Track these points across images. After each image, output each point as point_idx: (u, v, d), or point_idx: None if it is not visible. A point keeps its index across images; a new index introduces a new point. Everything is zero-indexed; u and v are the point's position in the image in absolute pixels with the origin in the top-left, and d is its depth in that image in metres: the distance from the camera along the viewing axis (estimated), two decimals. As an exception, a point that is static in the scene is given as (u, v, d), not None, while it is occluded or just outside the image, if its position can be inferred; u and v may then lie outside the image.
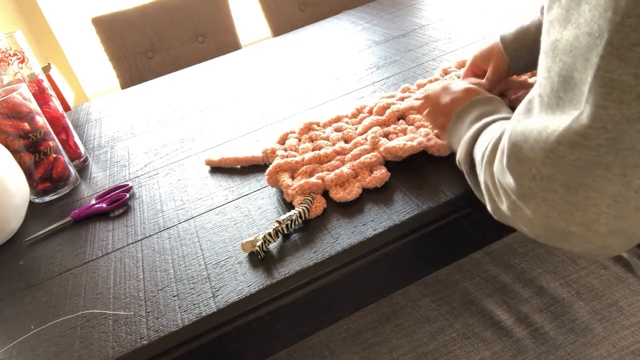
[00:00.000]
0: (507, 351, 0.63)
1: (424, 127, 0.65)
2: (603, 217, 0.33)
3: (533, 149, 0.36)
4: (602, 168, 0.32)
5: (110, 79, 1.96)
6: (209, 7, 1.64)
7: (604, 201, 0.33)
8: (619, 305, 0.65)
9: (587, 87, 0.31)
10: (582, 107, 0.32)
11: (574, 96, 0.32)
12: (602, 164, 0.32)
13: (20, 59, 0.81)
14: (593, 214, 0.34)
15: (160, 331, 0.48)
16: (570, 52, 0.32)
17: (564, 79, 0.33)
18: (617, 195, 0.32)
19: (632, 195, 0.32)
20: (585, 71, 0.31)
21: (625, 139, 0.30)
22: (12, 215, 0.68)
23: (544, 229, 0.38)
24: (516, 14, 0.98)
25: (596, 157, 0.32)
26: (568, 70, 0.33)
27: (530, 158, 0.36)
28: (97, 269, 0.59)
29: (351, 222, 0.54)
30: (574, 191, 0.34)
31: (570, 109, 0.33)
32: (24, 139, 0.74)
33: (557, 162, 0.34)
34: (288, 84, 0.99)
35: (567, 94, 0.33)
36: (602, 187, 0.32)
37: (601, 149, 0.31)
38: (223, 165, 0.73)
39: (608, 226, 0.34)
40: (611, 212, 0.33)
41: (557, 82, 0.34)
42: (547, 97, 0.35)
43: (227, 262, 0.54)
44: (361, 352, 0.67)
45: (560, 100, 0.34)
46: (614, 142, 0.31)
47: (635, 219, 0.33)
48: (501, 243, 0.79)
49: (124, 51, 1.62)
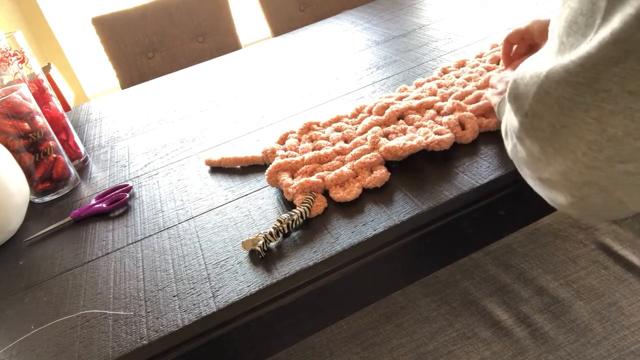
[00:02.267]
0: (507, 351, 0.63)
1: (423, 126, 0.65)
2: (578, 165, 0.34)
3: (527, 85, 0.37)
4: (582, 110, 0.32)
5: (110, 79, 1.96)
6: (209, 7, 1.64)
7: (580, 148, 0.33)
8: (619, 305, 0.65)
9: (593, 31, 0.31)
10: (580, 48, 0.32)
11: (575, 40, 0.33)
12: (582, 105, 0.32)
13: (20, 59, 0.81)
14: (571, 161, 0.34)
15: (160, 331, 0.48)
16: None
17: (568, 24, 0.34)
18: (592, 142, 0.32)
19: (605, 144, 0.32)
20: (592, 15, 0.31)
21: (602, 81, 0.31)
22: (12, 215, 0.68)
23: (536, 174, 0.38)
24: (516, 14, 0.98)
25: (576, 95, 0.32)
26: (574, 15, 0.33)
27: (524, 94, 0.37)
28: (97, 269, 0.59)
29: (351, 222, 0.54)
30: (558, 133, 0.34)
31: (569, 53, 0.33)
32: (24, 139, 0.74)
33: (545, 98, 0.35)
34: (288, 84, 0.99)
35: (568, 39, 0.34)
36: (580, 132, 0.33)
37: (581, 87, 0.32)
38: (223, 165, 0.73)
39: (582, 175, 0.34)
40: (585, 160, 0.33)
41: (562, 28, 0.34)
42: (552, 42, 0.36)
43: (227, 262, 0.54)
44: (361, 352, 0.67)
45: (562, 45, 0.34)
46: (592, 81, 0.31)
47: (607, 171, 0.33)
48: (501, 243, 0.79)
49: (124, 51, 1.62)
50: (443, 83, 0.75)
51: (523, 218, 0.59)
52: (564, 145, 0.34)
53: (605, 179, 0.34)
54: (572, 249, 0.74)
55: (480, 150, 0.60)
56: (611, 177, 0.33)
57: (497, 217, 0.56)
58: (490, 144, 0.61)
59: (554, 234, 0.77)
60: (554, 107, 0.34)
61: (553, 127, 0.34)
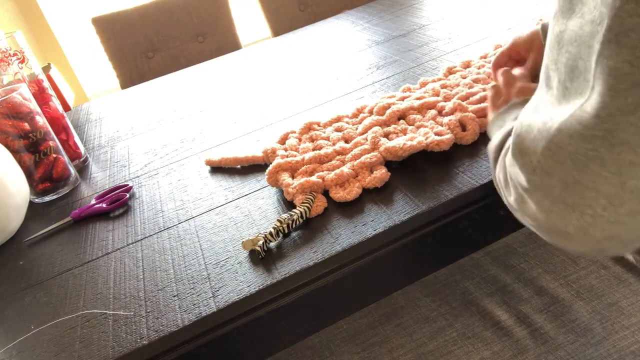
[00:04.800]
0: (507, 351, 0.63)
1: (423, 127, 0.65)
2: (598, 221, 0.32)
3: (535, 140, 0.35)
4: (598, 164, 0.31)
5: (110, 79, 1.96)
6: (209, 7, 1.64)
7: (600, 202, 0.31)
8: (619, 305, 0.65)
9: (591, 75, 0.30)
10: (587, 95, 0.31)
11: (579, 85, 0.32)
12: (598, 159, 0.31)
13: (20, 59, 0.81)
14: (589, 216, 0.32)
15: (160, 331, 0.48)
16: (575, 41, 0.32)
17: (570, 69, 0.33)
18: (612, 196, 0.31)
19: (627, 197, 0.31)
20: (589, 59, 0.30)
21: (619, 132, 0.29)
22: (12, 215, 0.68)
23: (546, 225, 0.36)
24: (516, 14, 0.98)
25: (591, 150, 0.31)
26: (574, 60, 0.32)
27: (532, 149, 0.35)
28: (97, 269, 0.59)
29: (351, 222, 0.54)
30: (571, 189, 0.33)
31: (576, 98, 0.32)
32: (24, 139, 0.74)
33: (556, 153, 0.33)
34: (288, 84, 0.99)
35: (572, 84, 0.32)
36: (598, 186, 0.31)
37: (597, 141, 0.30)
38: (223, 165, 0.73)
39: (604, 231, 0.32)
40: (606, 215, 0.32)
41: (564, 73, 0.33)
42: (555, 89, 0.34)
43: (227, 262, 0.54)
44: (361, 352, 0.67)
45: (566, 91, 0.33)
46: (608, 134, 0.30)
47: (630, 225, 0.32)
48: (501, 243, 0.79)
49: (124, 51, 1.62)
50: (448, 84, 0.75)
51: (523, 218, 0.59)
52: (578, 201, 0.32)
53: (628, 232, 0.32)
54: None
55: (481, 151, 0.60)
56: (635, 230, 0.32)
57: (497, 217, 0.56)
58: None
59: (554, 234, 0.77)
60: (565, 162, 0.32)
61: (565, 184, 0.33)
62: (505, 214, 0.56)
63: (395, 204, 0.55)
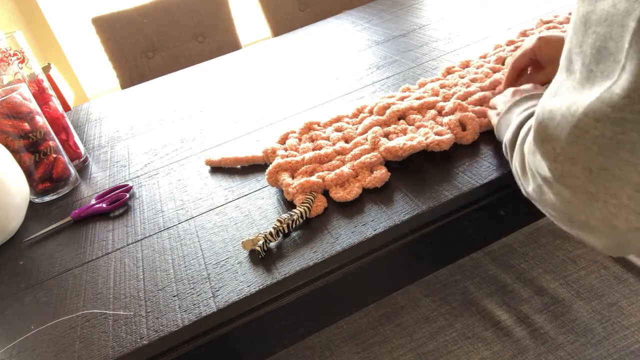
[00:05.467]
0: (507, 351, 0.63)
1: (423, 127, 0.65)
2: (624, 211, 0.30)
3: (559, 126, 0.33)
4: (627, 150, 0.29)
5: (110, 79, 1.96)
6: (209, 7, 1.64)
7: (625, 191, 0.30)
8: (619, 305, 0.65)
9: (623, 55, 0.29)
10: (616, 77, 0.29)
11: (607, 67, 0.30)
12: (627, 145, 0.29)
13: (20, 59, 0.81)
14: (613, 206, 0.31)
15: (160, 331, 0.48)
16: (605, 21, 0.30)
17: (597, 50, 0.31)
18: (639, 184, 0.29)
19: None
20: (621, 38, 0.29)
21: None
22: (12, 215, 0.68)
23: (566, 216, 0.35)
24: (516, 14, 0.98)
25: (620, 133, 0.29)
26: (602, 40, 0.30)
27: (555, 136, 0.33)
28: (97, 269, 0.59)
29: (351, 222, 0.54)
30: (595, 177, 0.31)
31: (603, 80, 0.30)
32: (24, 139, 0.74)
33: (581, 138, 0.31)
34: (288, 84, 0.99)
35: (599, 66, 0.31)
36: (625, 174, 0.29)
37: (627, 124, 0.28)
38: (223, 165, 0.73)
39: (629, 222, 0.31)
40: (632, 205, 0.30)
41: (589, 55, 0.32)
42: (579, 72, 0.33)
43: (227, 262, 0.54)
44: (361, 352, 0.67)
45: (591, 74, 0.31)
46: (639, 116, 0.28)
47: None
48: (501, 243, 0.79)
49: (124, 51, 1.62)
50: (446, 84, 0.75)
51: (523, 218, 0.59)
52: (602, 190, 0.31)
53: None
54: (572, 249, 0.74)
55: (481, 150, 0.60)
56: None
57: (497, 217, 0.56)
58: (490, 144, 0.61)
59: (554, 234, 0.77)
60: (591, 148, 0.31)
61: (589, 171, 0.31)
62: (505, 214, 0.56)
63: (395, 204, 0.55)
